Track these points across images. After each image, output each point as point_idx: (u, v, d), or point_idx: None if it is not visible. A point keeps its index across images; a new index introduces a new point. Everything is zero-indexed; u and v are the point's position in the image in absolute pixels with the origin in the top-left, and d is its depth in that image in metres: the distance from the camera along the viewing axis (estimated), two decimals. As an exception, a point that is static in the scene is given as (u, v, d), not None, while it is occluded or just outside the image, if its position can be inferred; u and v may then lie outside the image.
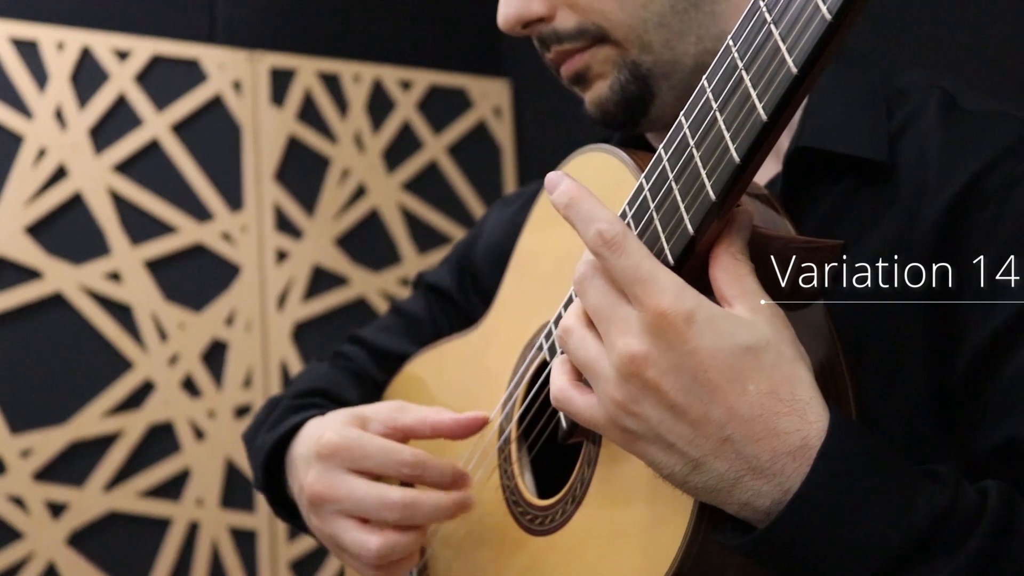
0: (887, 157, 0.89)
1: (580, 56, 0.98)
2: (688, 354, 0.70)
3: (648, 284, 0.72)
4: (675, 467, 0.73)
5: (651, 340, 0.71)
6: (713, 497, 0.73)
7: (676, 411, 0.71)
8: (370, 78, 2.83)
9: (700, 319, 0.71)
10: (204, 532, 2.52)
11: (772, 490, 0.70)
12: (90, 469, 2.44)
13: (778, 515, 0.70)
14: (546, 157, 2.88)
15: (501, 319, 1.09)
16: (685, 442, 0.72)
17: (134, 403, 2.50)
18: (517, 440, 0.99)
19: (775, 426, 0.70)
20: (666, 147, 0.78)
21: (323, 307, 2.72)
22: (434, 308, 1.30)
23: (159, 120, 2.59)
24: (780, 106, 0.68)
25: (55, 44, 2.50)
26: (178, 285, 2.57)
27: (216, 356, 2.59)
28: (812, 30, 0.66)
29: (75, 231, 2.49)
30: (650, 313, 0.71)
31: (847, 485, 0.69)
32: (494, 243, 1.24)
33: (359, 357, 1.30)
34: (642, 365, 0.71)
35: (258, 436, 1.20)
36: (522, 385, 0.99)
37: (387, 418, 1.03)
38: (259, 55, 2.70)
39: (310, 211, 2.73)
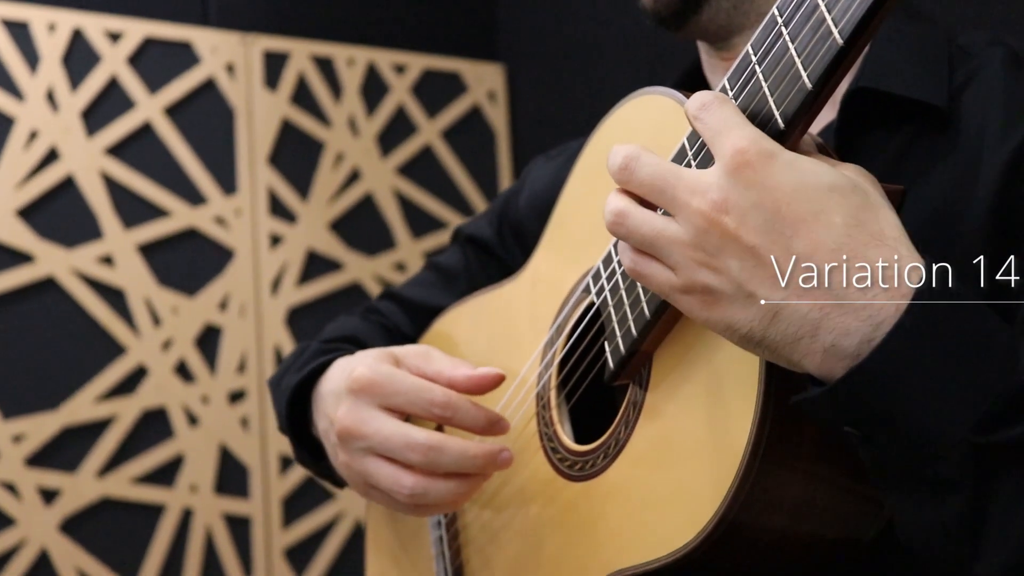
0: (947, 104, 0.88)
1: None
2: (768, 189, 0.68)
3: (733, 129, 0.70)
4: (754, 321, 0.70)
5: (728, 180, 0.69)
6: (795, 348, 0.69)
7: (756, 254, 0.68)
8: (364, 62, 2.81)
9: (781, 158, 0.69)
10: (198, 519, 2.50)
11: (861, 325, 0.67)
12: (83, 455, 2.40)
13: (872, 349, 0.66)
14: (541, 141, 2.87)
15: (542, 269, 1.08)
16: (767, 287, 0.68)
17: (127, 388, 2.47)
18: (557, 387, 0.97)
19: (864, 255, 0.67)
20: (731, 80, 0.77)
21: (317, 292, 2.69)
22: (471, 260, 1.27)
23: (152, 103, 2.56)
24: (858, 29, 0.67)
25: (46, 25, 2.47)
26: (171, 269, 2.54)
27: (210, 341, 2.57)
28: None
29: (67, 214, 2.46)
30: (728, 152, 0.69)
31: (949, 322, 0.66)
32: (537, 194, 1.21)
33: (392, 312, 1.28)
34: (720, 212, 0.69)
35: (284, 378, 1.17)
36: (565, 331, 0.97)
37: (413, 363, 1.01)
38: (252, 38, 2.68)
39: (304, 195, 2.71)
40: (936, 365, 0.65)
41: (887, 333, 0.66)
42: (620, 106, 0.97)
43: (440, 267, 1.30)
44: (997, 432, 0.65)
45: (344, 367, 1.06)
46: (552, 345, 0.99)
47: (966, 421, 0.65)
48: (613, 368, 0.85)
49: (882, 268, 0.67)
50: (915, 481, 0.68)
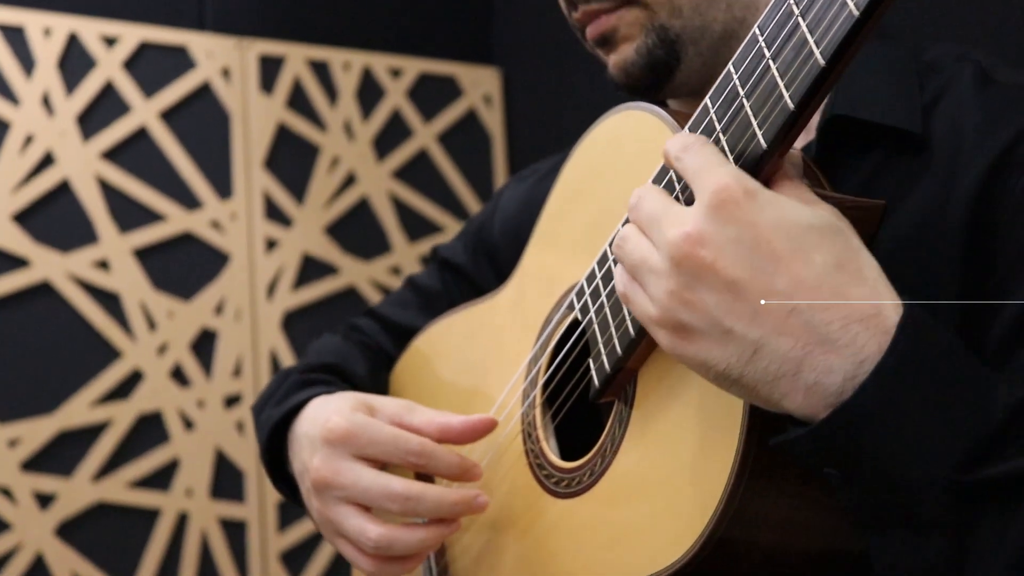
0: (920, 128, 0.88)
1: (607, 17, 0.97)
2: (749, 224, 0.68)
3: (715, 168, 0.70)
4: (731, 358, 0.69)
5: (707, 217, 0.69)
6: (775, 387, 0.68)
7: (734, 288, 0.68)
8: (360, 66, 2.81)
9: (762, 196, 0.69)
10: (193, 523, 2.50)
11: (843, 363, 0.66)
12: (78, 459, 2.41)
13: (859, 385, 0.65)
14: (537, 145, 2.88)
15: (523, 287, 1.08)
16: (745, 322, 0.68)
17: (122, 392, 2.47)
18: (542, 405, 0.97)
19: (845, 293, 0.67)
20: (712, 98, 0.77)
21: (313, 296, 2.70)
22: (448, 283, 1.29)
23: (147, 107, 2.56)
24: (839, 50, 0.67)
25: (42, 30, 2.47)
26: (167, 274, 2.55)
27: (205, 345, 2.57)
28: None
29: (63, 219, 2.46)
30: (710, 190, 0.69)
31: (930, 362, 0.66)
32: (510, 217, 1.23)
33: (374, 331, 1.29)
34: (696, 244, 0.68)
35: (265, 409, 1.18)
36: (549, 348, 0.98)
37: (394, 414, 1.02)
38: (248, 42, 2.68)
39: (300, 199, 2.71)
40: (918, 405, 0.65)
41: (871, 371, 0.65)
42: (601, 121, 0.98)
43: (419, 287, 1.31)
44: (978, 471, 0.65)
45: (319, 412, 1.07)
46: (536, 362, 0.99)
47: (948, 461, 0.65)
48: (598, 385, 0.85)
49: (862, 306, 0.67)
50: (897, 521, 0.68)
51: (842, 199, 0.79)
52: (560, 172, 1.06)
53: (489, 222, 1.27)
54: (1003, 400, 0.66)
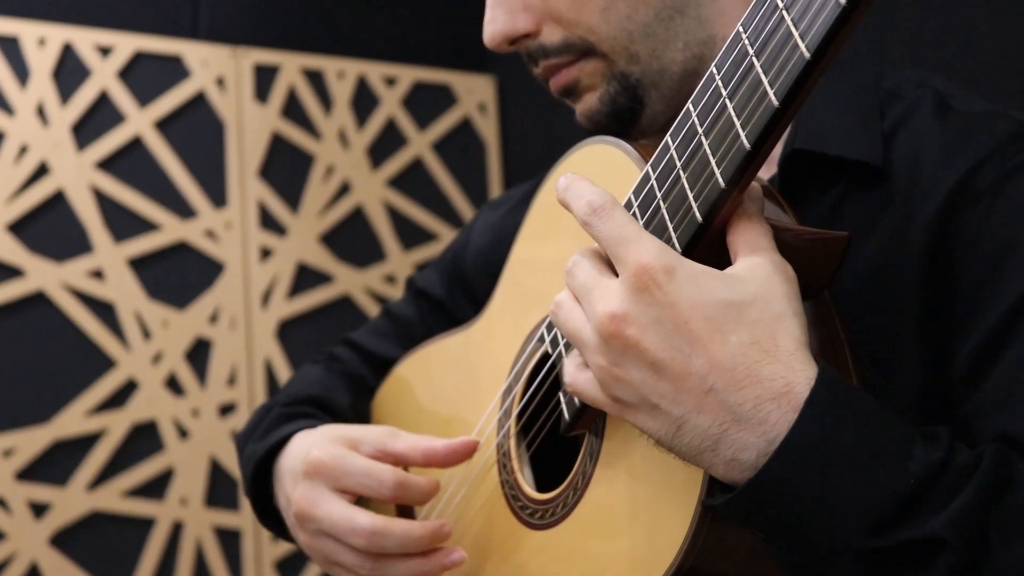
0: (881, 160, 0.89)
1: (568, 70, 0.98)
2: (668, 306, 0.70)
3: (631, 242, 0.73)
4: (661, 430, 0.72)
5: (630, 297, 0.71)
6: (699, 459, 0.72)
7: (657, 368, 0.71)
8: (354, 74, 2.82)
9: (681, 273, 0.71)
10: (188, 531, 2.51)
11: (757, 440, 0.69)
12: (73, 468, 2.41)
13: (765, 465, 0.68)
14: (531, 153, 2.88)
15: (498, 317, 1.08)
16: (668, 400, 0.71)
17: (117, 402, 2.48)
18: (516, 436, 0.98)
19: (757, 373, 0.69)
20: (673, 135, 0.78)
21: (308, 305, 2.70)
22: (425, 314, 1.30)
23: (142, 117, 2.57)
24: (792, 92, 0.68)
25: (36, 40, 2.47)
26: (161, 283, 2.55)
27: (200, 354, 2.57)
28: (826, 14, 0.65)
29: (57, 229, 2.47)
30: (630, 269, 0.71)
31: (838, 433, 0.68)
32: (483, 247, 1.24)
33: (353, 360, 1.30)
34: (621, 323, 0.71)
35: (248, 444, 1.19)
36: (522, 380, 0.98)
37: (378, 442, 1.03)
38: (243, 51, 2.69)
39: (294, 208, 2.72)
40: (825, 475, 0.68)
41: (775, 449, 0.68)
42: (570, 154, 0.98)
43: (396, 317, 1.32)
44: (886, 536, 0.68)
45: (301, 446, 1.08)
46: (511, 392, 1.00)
47: (859, 526, 0.68)
48: (568, 420, 0.86)
49: (774, 384, 0.69)
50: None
51: (802, 231, 0.79)
52: (531, 204, 1.06)
53: (462, 252, 1.28)
54: (916, 464, 0.68)
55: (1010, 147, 0.86)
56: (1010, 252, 0.82)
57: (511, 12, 0.97)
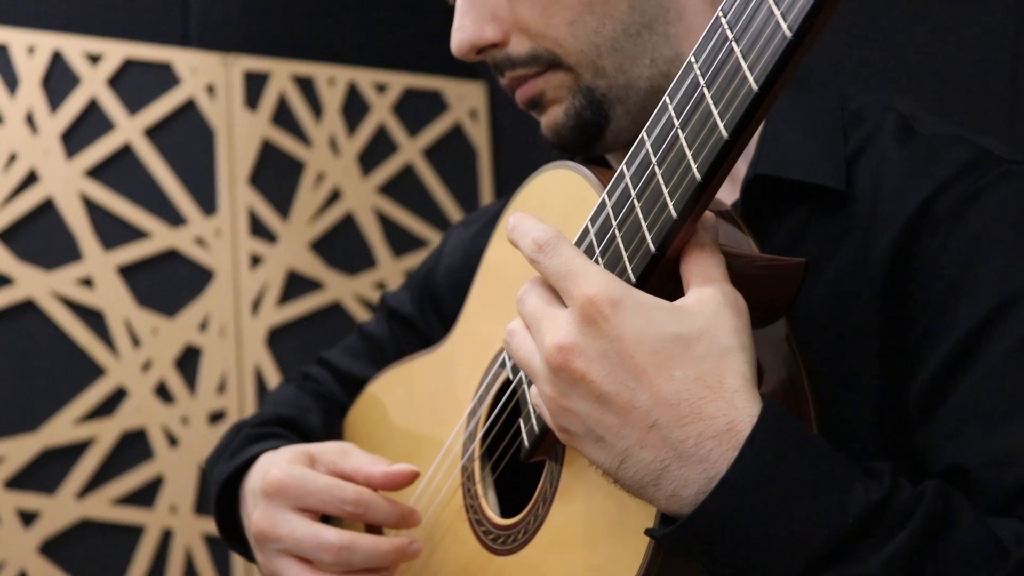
0: (844, 184, 0.89)
1: (534, 82, 0.98)
2: (614, 339, 0.70)
3: (577, 276, 0.73)
4: (606, 462, 0.73)
5: (578, 329, 0.71)
6: (643, 492, 0.72)
7: (603, 400, 0.71)
8: (345, 81, 2.82)
9: (627, 305, 0.71)
10: (178, 539, 2.51)
11: (698, 477, 0.69)
12: (62, 477, 2.42)
13: (703, 500, 0.68)
14: (522, 160, 2.88)
15: (466, 337, 1.08)
16: (613, 433, 0.71)
17: (107, 410, 2.48)
18: (480, 458, 0.98)
19: (700, 410, 0.69)
20: (628, 164, 0.78)
21: (298, 312, 2.70)
22: (396, 333, 1.30)
23: (131, 124, 2.57)
24: (741, 124, 0.67)
25: (26, 48, 2.48)
26: (151, 290, 2.55)
27: (190, 362, 2.57)
28: (773, 47, 0.65)
29: (46, 237, 2.47)
30: (578, 302, 0.71)
31: (778, 471, 0.68)
32: (454, 266, 1.24)
33: (326, 380, 1.30)
34: (569, 355, 0.71)
35: (217, 464, 1.19)
36: (486, 403, 0.98)
37: (330, 461, 1.03)
38: (233, 58, 2.69)
39: (285, 215, 2.72)
40: (764, 514, 0.68)
41: (715, 486, 0.68)
42: (533, 178, 0.98)
43: (368, 336, 1.32)
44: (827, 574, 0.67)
45: (263, 467, 1.08)
46: (475, 414, 1.00)
47: (794, 565, 0.67)
48: (528, 447, 0.86)
49: (716, 422, 0.69)
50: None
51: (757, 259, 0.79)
52: (496, 225, 1.06)
53: (434, 270, 1.28)
54: (855, 504, 0.68)
55: (970, 173, 0.86)
56: (966, 281, 0.82)
57: (479, 21, 0.97)
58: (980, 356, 0.80)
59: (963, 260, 0.82)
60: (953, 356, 0.81)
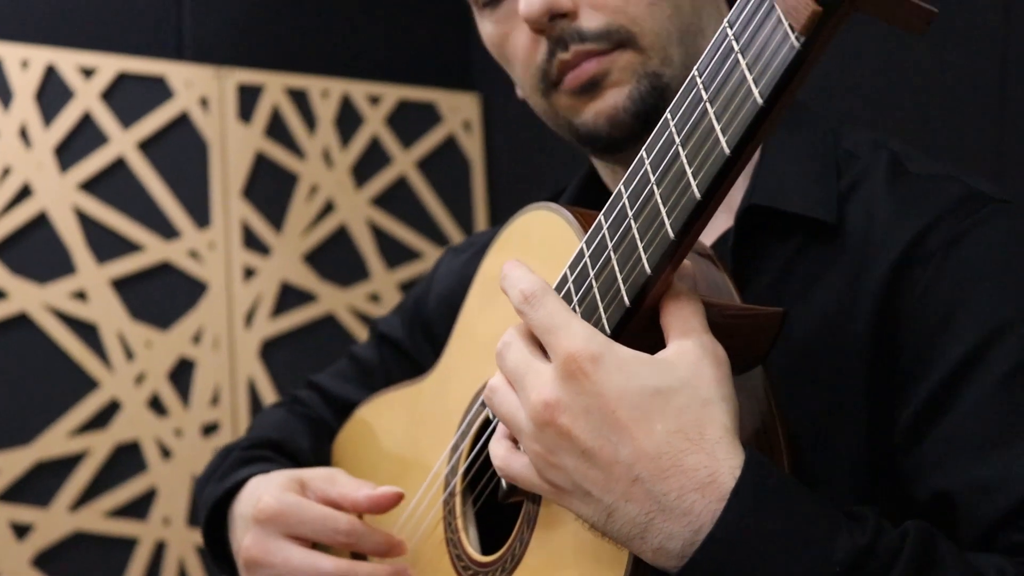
0: (836, 218, 0.90)
1: (600, 59, 0.96)
2: (596, 395, 0.71)
3: (560, 330, 0.74)
4: (593, 516, 0.73)
5: (562, 385, 0.72)
6: (630, 545, 0.73)
7: (588, 456, 0.72)
8: (338, 93, 2.82)
9: (608, 360, 0.72)
10: (171, 551, 2.51)
11: (682, 531, 0.70)
12: (55, 489, 2.42)
13: (691, 557, 0.69)
14: (516, 171, 2.88)
15: (450, 370, 1.09)
16: (599, 488, 0.72)
17: (100, 422, 2.48)
18: (462, 493, 0.99)
19: (682, 463, 0.70)
20: (606, 215, 0.78)
21: (291, 324, 2.71)
22: (386, 357, 1.31)
23: (125, 137, 2.57)
24: (713, 186, 0.68)
25: (19, 62, 2.48)
26: (145, 303, 2.56)
27: (183, 374, 2.58)
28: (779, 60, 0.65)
29: (40, 250, 2.47)
30: (560, 358, 0.72)
31: (763, 523, 0.69)
32: (445, 292, 1.25)
33: (315, 403, 1.31)
34: (555, 412, 0.72)
35: (207, 487, 1.20)
36: (468, 438, 0.99)
37: (319, 487, 1.05)
38: (226, 71, 2.69)
39: (278, 227, 2.72)
40: (751, 566, 0.68)
41: (705, 537, 0.69)
42: (515, 219, 0.99)
43: (359, 360, 1.33)
44: None
45: (252, 493, 1.09)
46: (457, 450, 1.01)
47: None
48: (506, 488, 0.87)
49: (697, 474, 0.69)
50: None
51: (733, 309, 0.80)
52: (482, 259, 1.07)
53: (425, 296, 1.29)
54: (841, 552, 0.68)
55: (960, 211, 0.87)
56: (955, 314, 0.83)
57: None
58: (967, 386, 0.81)
59: (952, 294, 0.83)
60: (941, 386, 0.82)
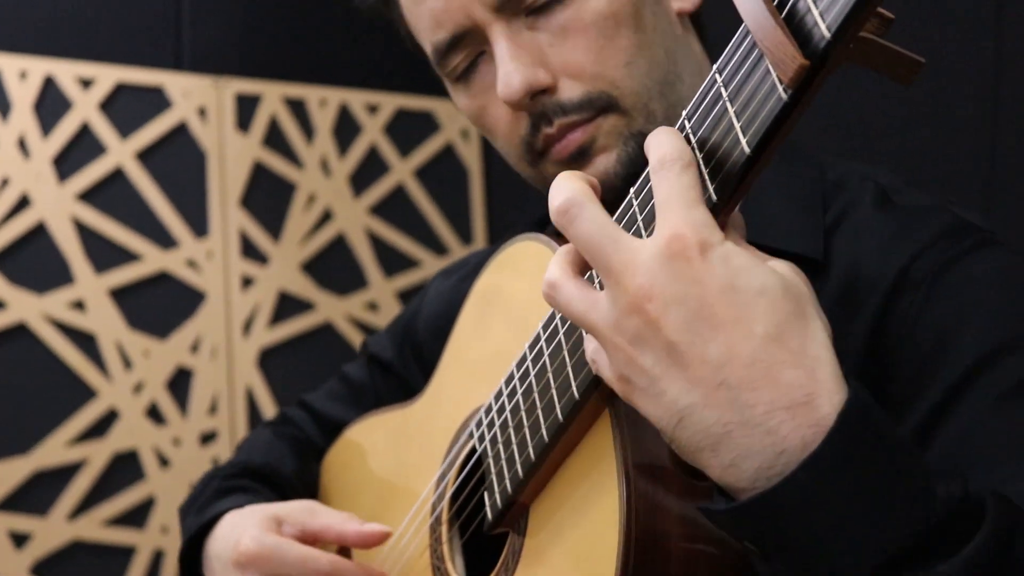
0: (822, 255, 0.90)
1: (585, 128, 0.96)
2: (694, 283, 0.64)
3: (678, 208, 0.67)
4: (662, 419, 0.67)
5: (659, 267, 0.65)
6: (698, 457, 0.66)
7: (672, 351, 0.65)
8: (336, 102, 2.83)
9: (717, 251, 0.65)
10: (169, 560, 2.52)
11: (763, 449, 0.63)
12: (54, 498, 2.43)
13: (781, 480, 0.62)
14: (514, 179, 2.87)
15: (440, 394, 1.10)
16: (677, 387, 0.65)
17: (98, 431, 2.49)
18: (448, 521, 1.00)
19: (777, 376, 0.63)
20: None
21: (289, 333, 2.72)
22: (376, 378, 1.31)
23: (123, 148, 2.58)
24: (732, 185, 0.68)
25: (17, 73, 2.49)
26: (143, 313, 2.57)
27: (181, 383, 2.59)
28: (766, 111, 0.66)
29: (38, 261, 2.48)
30: (665, 236, 0.66)
31: (860, 459, 0.62)
32: (436, 314, 1.25)
33: (304, 422, 1.32)
34: (644, 299, 0.65)
35: (188, 515, 1.20)
36: (454, 468, 1.00)
37: (297, 521, 1.04)
38: (224, 81, 2.70)
39: (276, 237, 2.73)
40: (841, 505, 0.62)
41: (790, 472, 0.63)
42: (504, 248, 1.00)
43: (349, 380, 1.33)
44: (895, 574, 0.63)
45: (231, 532, 1.08)
46: (444, 478, 1.01)
47: (867, 562, 0.62)
48: (491, 520, 0.87)
49: (792, 392, 0.63)
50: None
51: None
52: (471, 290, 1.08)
53: (415, 318, 1.30)
54: (939, 503, 0.63)
55: (946, 239, 0.87)
56: (946, 340, 0.84)
57: (529, 65, 0.95)
58: (962, 408, 0.81)
59: (943, 320, 0.84)
60: (936, 408, 0.81)
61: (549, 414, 0.81)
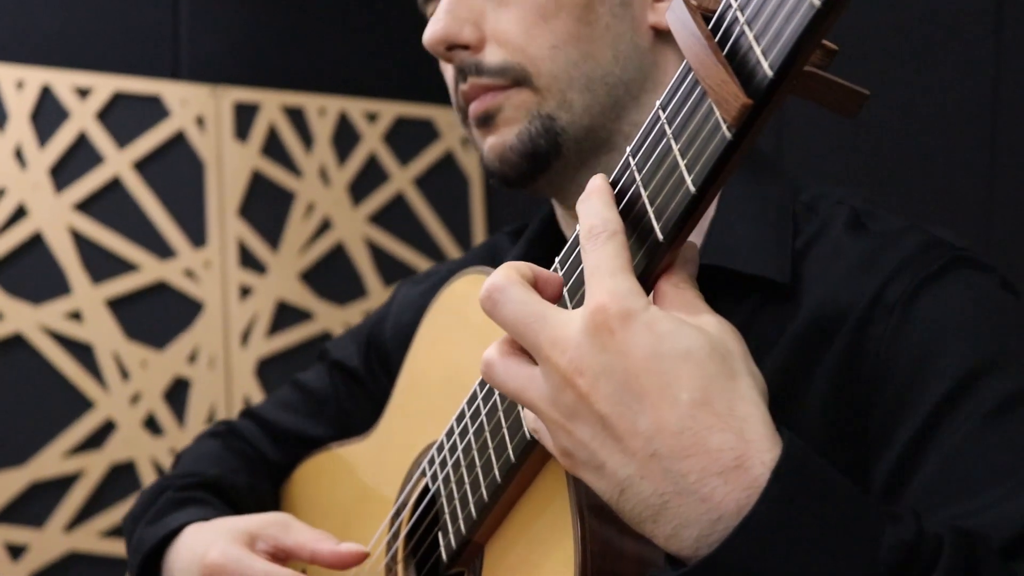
0: (790, 278, 0.88)
1: (495, 95, 0.96)
2: (619, 355, 0.64)
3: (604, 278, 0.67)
4: (605, 492, 0.67)
5: (585, 341, 0.66)
6: (642, 527, 0.66)
7: (605, 424, 0.65)
8: (335, 111, 2.82)
9: (640, 319, 0.65)
10: (166, 571, 2.51)
11: (699, 518, 0.63)
12: (50, 510, 2.43)
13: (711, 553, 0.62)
14: (514, 188, 2.86)
15: (391, 431, 1.08)
16: (614, 461, 0.65)
17: (95, 443, 2.49)
18: (404, 560, 0.98)
19: (706, 441, 0.62)
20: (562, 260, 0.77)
21: (287, 343, 2.70)
22: (338, 386, 1.28)
23: (121, 157, 2.57)
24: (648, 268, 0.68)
25: (14, 83, 2.49)
26: (140, 323, 2.56)
27: (179, 394, 2.58)
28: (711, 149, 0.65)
29: (35, 271, 2.48)
30: (590, 309, 0.66)
31: (801, 512, 0.61)
32: (402, 323, 1.23)
33: (254, 435, 1.28)
34: (575, 373, 0.66)
35: (138, 527, 1.17)
36: (408, 506, 0.98)
37: (271, 536, 1.02)
38: (222, 90, 2.69)
39: (274, 246, 2.72)
40: (782, 565, 0.61)
41: (726, 538, 0.62)
42: (452, 282, 0.98)
43: (307, 389, 1.30)
44: None
45: (196, 544, 1.07)
46: (399, 515, 1.00)
47: None
48: (446, 559, 0.86)
49: (723, 457, 0.62)
50: None
51: None
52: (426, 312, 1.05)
53: (381, 324, 1.27)
54: (887, 550, 0.62)
55: (919, 260, 0.86)
56: (924, 364, 0.82)
57: (459, 20, 0.97)
58: (945, 432, 0.79)
59: (920, 345, 0.82)
60: (919, 434, 0.80)
61: (501, 454, 0.80)
